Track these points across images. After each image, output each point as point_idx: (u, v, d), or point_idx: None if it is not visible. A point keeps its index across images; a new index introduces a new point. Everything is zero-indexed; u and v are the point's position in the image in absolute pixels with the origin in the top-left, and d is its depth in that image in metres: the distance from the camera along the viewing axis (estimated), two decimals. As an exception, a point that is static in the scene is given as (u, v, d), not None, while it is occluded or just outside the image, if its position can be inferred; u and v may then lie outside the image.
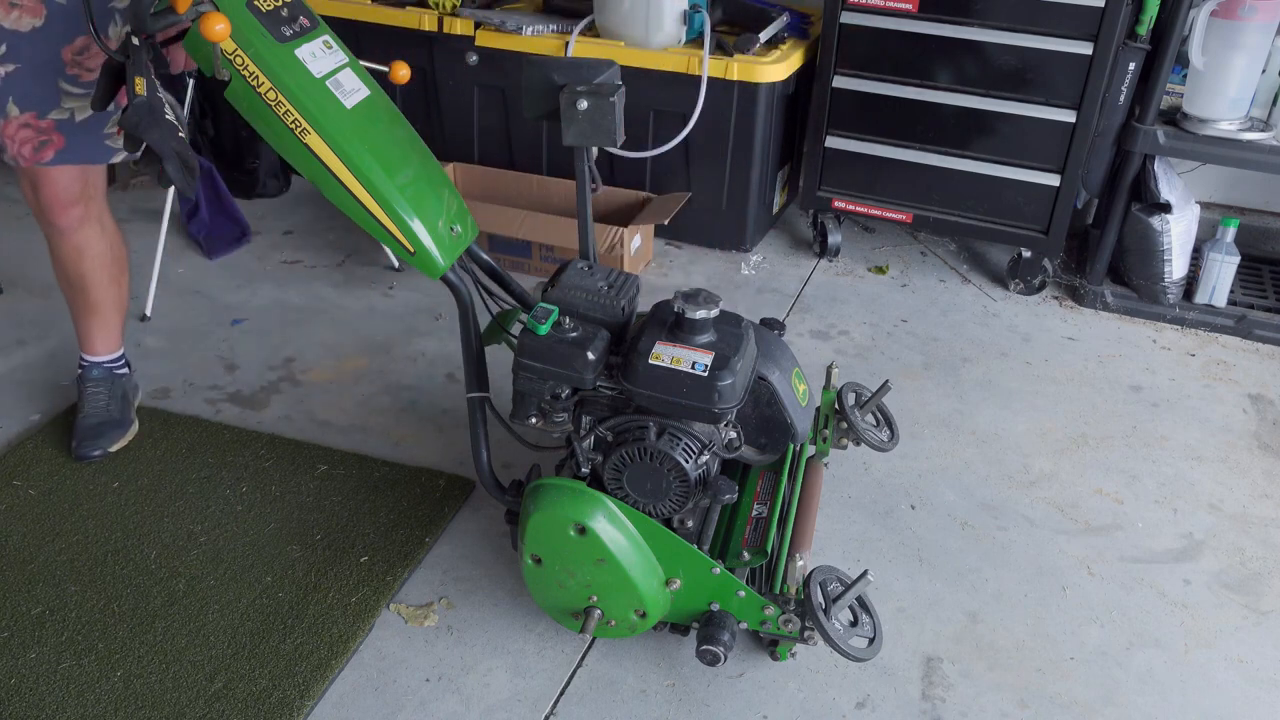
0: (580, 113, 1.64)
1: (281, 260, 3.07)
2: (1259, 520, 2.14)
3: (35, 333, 2.65)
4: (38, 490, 2.09)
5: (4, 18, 1.79)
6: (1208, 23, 2.53)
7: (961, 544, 2.05)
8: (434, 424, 2.35)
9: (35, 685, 1.67)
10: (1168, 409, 2.49)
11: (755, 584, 1.71)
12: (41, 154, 1.91)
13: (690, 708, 1.69)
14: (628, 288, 1.68)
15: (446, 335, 2.70)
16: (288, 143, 1.57)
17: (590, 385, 1.59)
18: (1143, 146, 2.68)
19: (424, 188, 1.67)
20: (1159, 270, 2.78)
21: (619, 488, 1.62)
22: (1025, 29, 2.65)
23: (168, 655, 1.73)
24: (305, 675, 1.70)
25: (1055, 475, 2.25)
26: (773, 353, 1.69)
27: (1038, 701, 1.72)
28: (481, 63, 3.05)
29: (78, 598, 1.84)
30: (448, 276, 1.68)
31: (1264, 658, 1.82)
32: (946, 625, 1.86)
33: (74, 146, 1.92)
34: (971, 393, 2.53)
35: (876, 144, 2.93)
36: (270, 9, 1.56)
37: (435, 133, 3.25)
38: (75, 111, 1.88)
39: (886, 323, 2.83)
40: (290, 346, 2.63)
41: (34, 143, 1.89)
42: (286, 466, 2.18)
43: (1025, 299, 2.97)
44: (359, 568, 1.92)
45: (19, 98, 1.85)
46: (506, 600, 1.88)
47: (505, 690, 1.71)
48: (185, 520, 2.02)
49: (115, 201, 3.36)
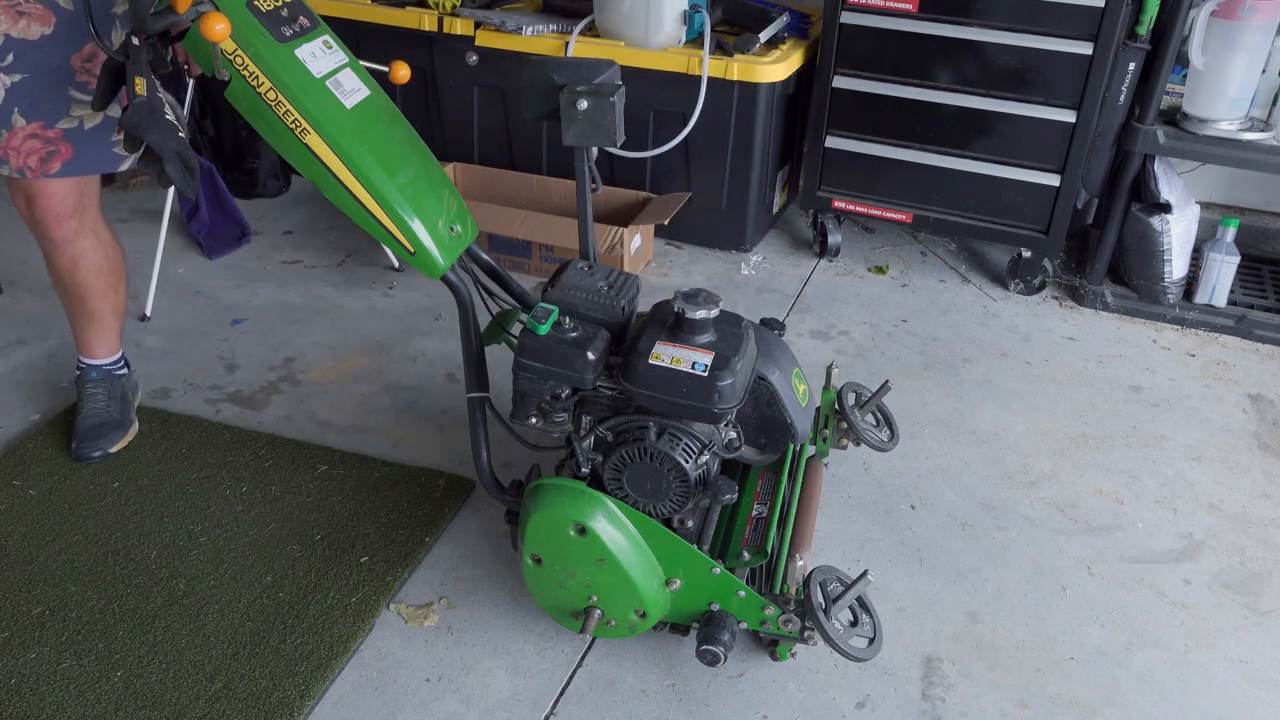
0: (580, 113, 1.64)
1: (281, 260, 3.07)
2: (1259, 520, 2.14)
3: (35, 333, 2.65)
4: (38, 490, 2.09)
5: (11, 27, 1.78)
6: (1208, 23, 2.53)
7: (961, 544, 2.05)
8: (434, 424, 2.35)
9: (35, 685, 1.67)
10: (1168, 409, 2.49)
11: (755, 584, 1.71)
12: (49, 165, 1.89)
13: (690, 708, 1.69)
14: (628, 288, 1.68)
15: (446, 335, 2.70)
16: (288, 143, 1.57)
17: (590, 385, 1.59)
18: (1143, 146, 2.68)
19: (424, 188, 1.67)
20: (1159, 270, 2.78)
21: (619, 488, 1.62)
22: (1025, 29, 2.65)
23: (168, 655, 1.73)
24: (305, 675, 1.70)
25: (1055, 475, 2.25)
26: (773, 353, 1.69)
27: (1038, 701, 1.72)
28: (481, 63, 3.05)
29: (78, 598, 1.84)
30: (448, 276, 1.68)
31: (1264, 658, 1.82)
32: (946, 625, 1.86)
33: (81, 156, 1.91)
34: (971, 393, 2.53)
35: (876, 144, 2.93)
36: (270, 9, 1.56)
37: (435, 133, 3.25)
38: (84, 120, 1.88)
39: (886, 323, 2.83)
40: (290, 346, 2.63)
41: (41, 154, 1.88)
42: (286, 466, 2.18)
43: (1025, 299, 2.97)
44: (359, 568, 1.92)
45: (25, 108, 1.84)
46: (506, 600, 1.88)
47: (505, 690, 1.71)
48: (185, 520, 2.02)
49: (115, 201, 3.37)
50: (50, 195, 1.95)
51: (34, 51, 1.80)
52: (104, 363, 2.24)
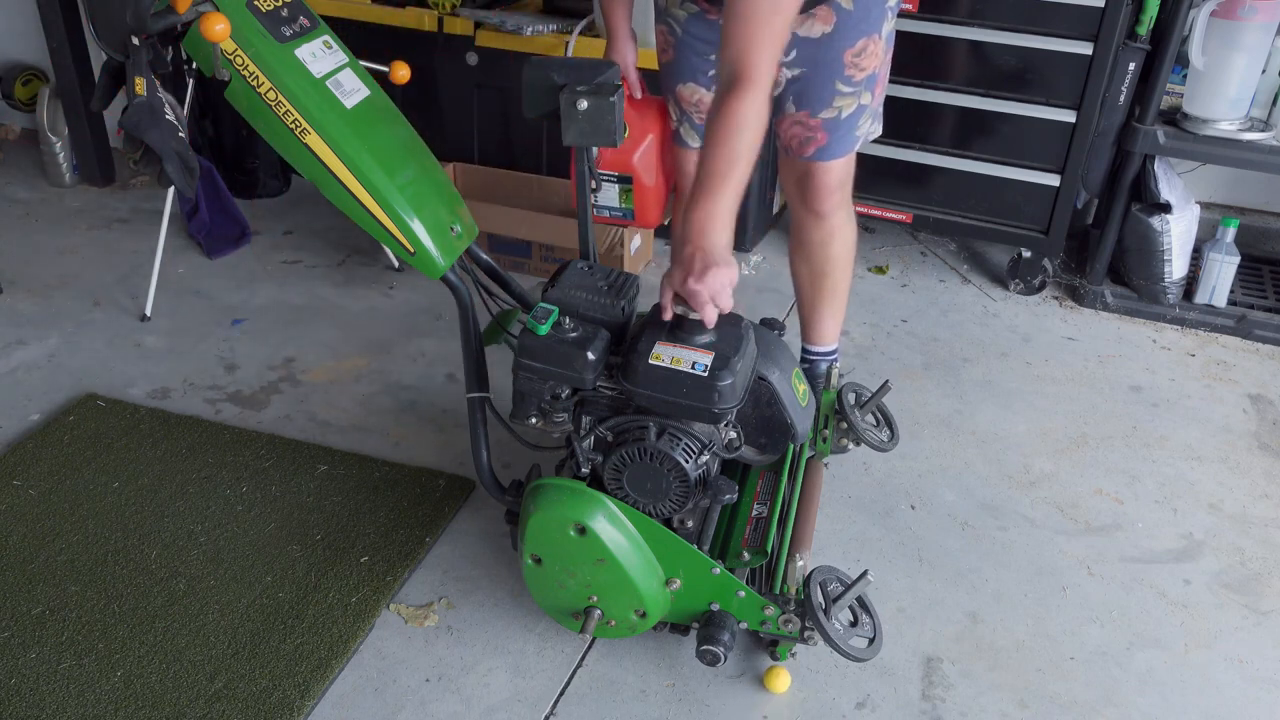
0: (580, 113, 1.64)
1: (281, 260, 3.07)
2: (1259, 520, 2.14)
3: (35, 333, 2.65)
4: (38, 490, 2.09)
5: (798, 26, 1.85)
6: (1208, 23, 2.53)
7: (961, 544, 2.05)
8: (434, 424, 2.35)
9: (35, 685, 1.67)
10: (1168, 409, 2.49)
11: (755, 584, 1.71)
12: (804, 149, 1.99)
13: (690, 708, 1.69)
14: (628, 288, 1.68)
15: (446, 335, 2.70)
16: (288, 143, 1.57)
17: (590, 385, 1.59)
18: (1143, 146, 2.68)
19: (424, 188, 1.67)
20: (1159, 270, 2.78)
21: (619, 488, 1.62)
22: (1025, 29, 2.65)
23: (168, 655, 1.73)
24: (305, 675, 1.70)
25: (1055, 475, 2.25)
26: (773, 353, 1.69)
27: (1038, 701, 1.72)
28: (481, 63, 3.05)
29: (78, 598, 1.84)
30: (448, 276, 1.68)
31: (1264, 658, 1.82)
32: (946, 625, 1.86)
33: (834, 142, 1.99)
34: (971, 393, 2.53)
35: (877, 144, 2.92)
36: (270, 9, 1.57)
37: (435, 133, 3.24)
38: (842, 110, 1.95)
39: (886, 323, 2.83)
40: (290, 346, 2.63)
41: (800, 139, 1.98)
42: (286, 466, 2.18)
43: (1025, 299, 2.97)
44: (359, 568, 1.92)
45: (796, 97, 1.95)
46: (506, 600, 1.88)
47: (505, 690, 1.71)
48: (185, 520, 2.02)
49: (115, 202, 3.38)
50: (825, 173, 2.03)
51: (814, 48, 1.89)
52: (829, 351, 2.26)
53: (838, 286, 2.17)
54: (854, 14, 1.85)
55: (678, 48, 2.01)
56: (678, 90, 2.06)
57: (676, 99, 2.08)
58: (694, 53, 1.99)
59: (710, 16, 1.93)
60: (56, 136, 3.41)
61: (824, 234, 2.10)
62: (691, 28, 1.97)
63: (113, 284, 2.89)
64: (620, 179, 2.01)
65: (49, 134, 3.40)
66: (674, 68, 2.04)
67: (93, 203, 3.38)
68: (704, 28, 1.95)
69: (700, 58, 1.99)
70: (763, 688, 1.72)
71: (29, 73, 3.62)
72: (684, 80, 2.04)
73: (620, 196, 2.05)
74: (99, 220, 3.26)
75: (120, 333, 2.66)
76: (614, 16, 2.05)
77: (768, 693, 1.71)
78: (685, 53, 2.00)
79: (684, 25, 1.97)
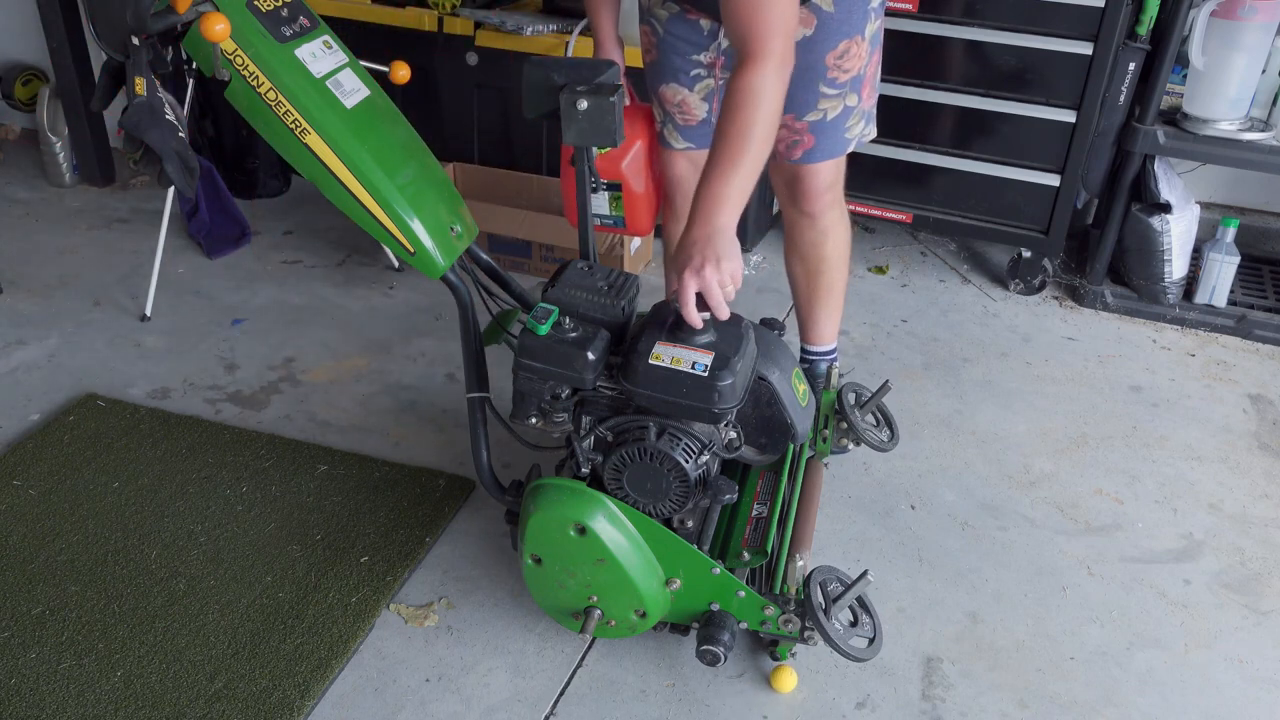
0: (580, 113, 1.64)
1: (281, 260, 3.07)
2: (1259, 520, 2.14)
3: (35, 333, 2.65)
4: (38, 490, 2.09)
5: None
6: (1208, 23, 2.53)
7: (961, 544, 2.05)
8: (434, 424, 2.35)
9: (35, 685, 1.67)
10: (1168, 409, 2.49)
11: (755, 584, 1.71)
12: (792, 153, 1.98)
13: (690, 708, 1.69)
14: (628, 288, 1.68)
15: (446, 335, 2.70)
16: (288, 143, 1.57)
17: (590, 385, 1.59)
18: (1143, 146, 2.68)
19: (424, 188, 1.67)
20: (1159, 270, 2.78)
21: (619, 488, 1.62)
22: (1025, 29, 2.65)
23: (168, 655, 1.73)
24: (305, 675, 1.70)
25: (1055, 475, 2.25)
26: (773, 353, 1.69)
27: (1038, 701, 1.72)
28: (481, 63, 3.05)
29: (78, 598, 1.84)
30: (448, 276, 1.68)
31: (1264, 658, 1.82)
32: (946, 625, 1.86)
33: (822, 145, 1.98)
34: (971, 393, 2.53)
35: (877, 143, 2.92)
36: (270, 9, 1.56)
37: (435, 133, 3.24)
38: (828, 112, 1.94)
39: (886, 323, 2.83)
40: (290, 346, 2.63)
41: (786, 142, 1.96)
42: (286, 466, 2.18)
43: (1025, 299, 2.97)
44: (359, 568, 1.92)
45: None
46: (506, 600, 1.88)
47: (505, 690, 1.71)
48: (185, 520, 2.02)
49: (115, 202, 3.38)
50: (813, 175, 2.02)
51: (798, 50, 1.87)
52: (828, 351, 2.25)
53: (833, 286, 2.17)
54: (835, 16, 1.84)
55: (660, 48, 2.00)
56: (660, 91, 2.06)
57: (660, 100, 2.07)
58: (675, 53, 1.98)
59: (690, 16, 1.92)
60: (56, 136, 3.41)
61: (816, 234, 2.10)
62: (673, 28, 1.96)
63: (113, 284, 2.89)
64: (610, 186, 2.00)
65: (49, 134, 3.40)
66: (657, 68, 2.04)
67: (93, 203, 3.38)
68: (685, 28, 1.95)
69: (681, 58, 1.98)
70: (763, 688, 1.72)
71: (29, 73, 3.63)
72: (666, 81, 2.03)
73: (610, 204, 2.03)
74: (99, 220, 3.26)
75: (120, 333, 2.66)
76: (599, 20, 2.03)
77: (768, 692, 1.71)
78: (667, 53, 2.00)
79: (665, 25, 1.97)
